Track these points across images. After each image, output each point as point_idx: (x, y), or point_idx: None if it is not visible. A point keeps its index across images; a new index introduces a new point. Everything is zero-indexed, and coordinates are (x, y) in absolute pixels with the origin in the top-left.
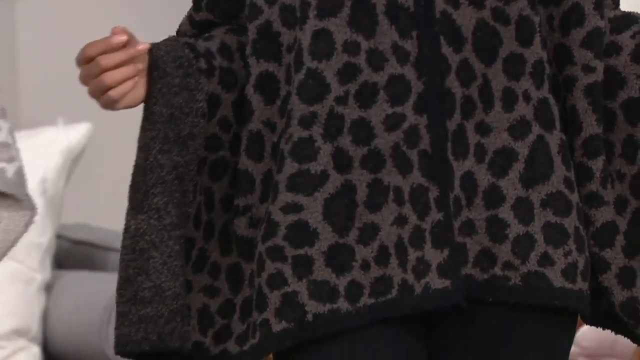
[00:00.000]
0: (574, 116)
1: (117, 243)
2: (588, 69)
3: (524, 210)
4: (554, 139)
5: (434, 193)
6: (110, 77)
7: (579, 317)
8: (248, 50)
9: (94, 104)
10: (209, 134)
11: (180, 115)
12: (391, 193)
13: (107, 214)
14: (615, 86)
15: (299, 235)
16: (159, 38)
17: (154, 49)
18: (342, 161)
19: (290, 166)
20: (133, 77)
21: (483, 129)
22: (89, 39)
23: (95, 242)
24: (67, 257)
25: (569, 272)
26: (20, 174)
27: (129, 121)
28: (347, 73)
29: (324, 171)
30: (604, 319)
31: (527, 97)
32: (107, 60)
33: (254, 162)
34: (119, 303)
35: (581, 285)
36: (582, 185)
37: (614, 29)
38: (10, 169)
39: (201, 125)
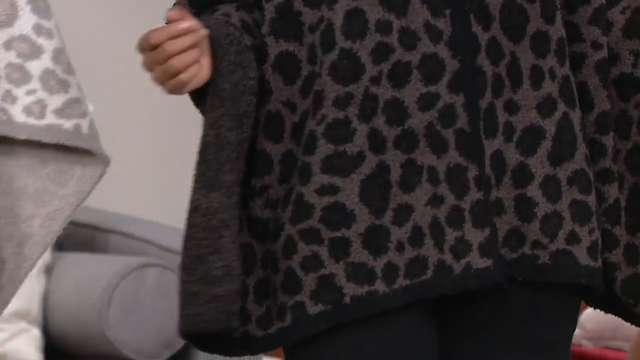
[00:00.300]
0: (584, 93)
1: (118, 225)
2: (597, 45)
3: (551, 188)
4: (577, 116)
5: (472, 172)
6: (180, 61)
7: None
8: (265, 29)
9: (92, 86)
10: None
11: (237, 94)
12: (425, 173)
13: (108, 196)
14: (608, 62)
15: (336, 217)
16: None
17: (206, 27)
18: (376, 142)
19: (326, 148)
20: (198, 59)
21: (511, 107)
22: (90, 37)
23: (96, 224)
24: (68, 239)
25: (592, 250)
26: (93, 128)
27: (129, 105)
28: (380, 53)
29: (360, 152)
30: (602, 302)
31: (552, 75)
32: (174, 46)
33: (272, 142)
34: (187, 282)
35: (599, 263)
36: (596, 162)
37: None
38: (84, 124)
39: (254, 104)
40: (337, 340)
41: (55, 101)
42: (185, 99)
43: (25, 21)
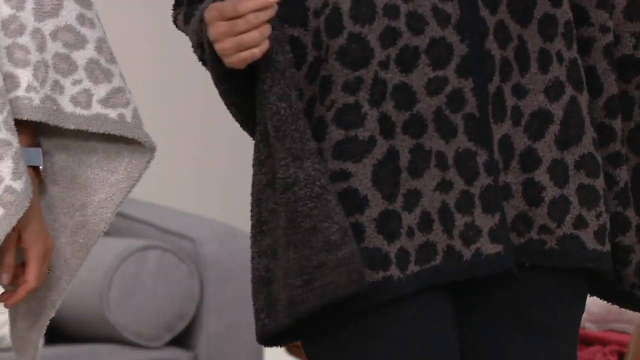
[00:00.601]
0: (592, 77)
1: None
2: (604, 29)
3: (559, 172)
4: (584, 99)
5: (482, 157)
6: (260, 33)
7: None
8: None
9: None
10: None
11: (289, 66)
12: (433, 158)
13: None
14: None
15: (349, 203)
16: (161, 35)
17: None
18: (386, 127)
19: (337, 133)
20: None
21: (519, 91)
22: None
23: None
24: None
25: (600, 234)
26: (137, 117)
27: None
28: (388, 37)
29: (372, 137)
30: (605, 290)
31: (560, 58)
32: (257, 19)
33: None
34: (309, 256)
35: (608, 247)
36: (606, 146)
37: None
38: (128, 113)
39: (297, 76)
40: (359, 326)
41: (100, 91)
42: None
43: (70, 11)
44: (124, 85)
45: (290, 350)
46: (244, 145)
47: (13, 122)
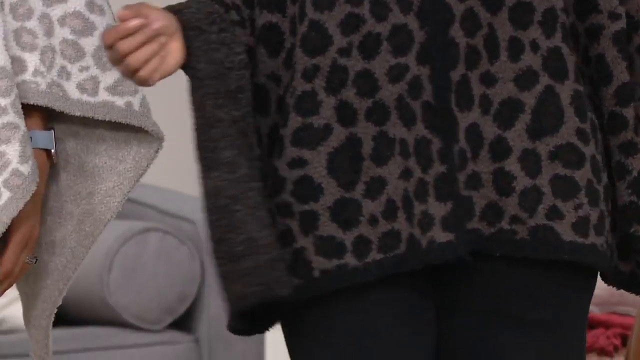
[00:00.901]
0: (601, 65)
1: None
2: (614, 16)
3: (531, 162)
4: (566, 89)
5: (436, 145)
6: (134, 59)
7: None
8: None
9: None
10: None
11: (224, 71)
12: (397, 146)
13: None
14: (630, 31)
15: (305, 191)
16: None
17: (184, 9)
18: (346, 114)
19: (295, 120)
20: (158, 52)
21: (488, 80)
22: None
23: None
24: None
25: (580, 226)
26: (145, 105)
27: None
28: (350, 24)
29: (327, 125)
30: (611, 275)
31: (534, 47)
32: (124, 45)
33: (260, 116)
34: (218, 266)
35: (594, 239)
36: (616, 135)
37: None
38: (135, 102)
39: (247, 77)
40: (313, 314)
41: (108, 78)
42: None
43: None
44: None
45: None
46: None
47: (20, 106)
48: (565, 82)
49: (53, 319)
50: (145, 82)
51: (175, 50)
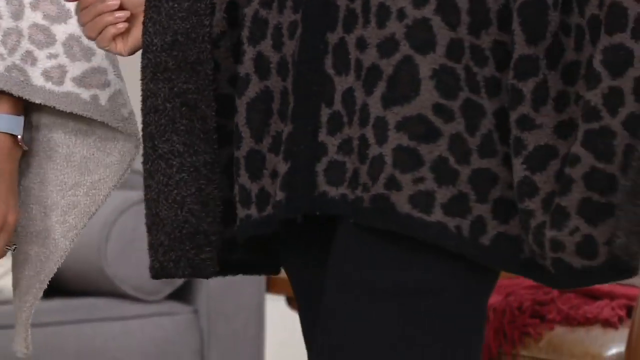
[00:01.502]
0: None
1: None
2: None
3: (381, 130)
4: (428, 61)
5: (291, 104)
6: (88, 28)
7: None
8: None
9: None
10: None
11: (186, 41)
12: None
13: None
14: (582, 2)
15: (236, 138)
16: None
17: None
18: (262, 66)
19: (233, 67)
20: (111, 22)
21: (361, 45)
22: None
23: None
24: None
25: (419, 201)
26: (114, 100)
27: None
28: None
29: (247, 75)
30: (524, 267)
31: (401, 15)
32: (82, 16)
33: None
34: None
35: (441, 218)
36: (513, 109)
37: None
38: (103, 96)
39: (209, 51)
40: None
41: (76, 69)
42: None
43: None
44: (107, 67)
45: (292, 304)
46: None
47: None
48: (429, 54)
49: (33, 312)
50: (116, 52)
51: (140, 23)
